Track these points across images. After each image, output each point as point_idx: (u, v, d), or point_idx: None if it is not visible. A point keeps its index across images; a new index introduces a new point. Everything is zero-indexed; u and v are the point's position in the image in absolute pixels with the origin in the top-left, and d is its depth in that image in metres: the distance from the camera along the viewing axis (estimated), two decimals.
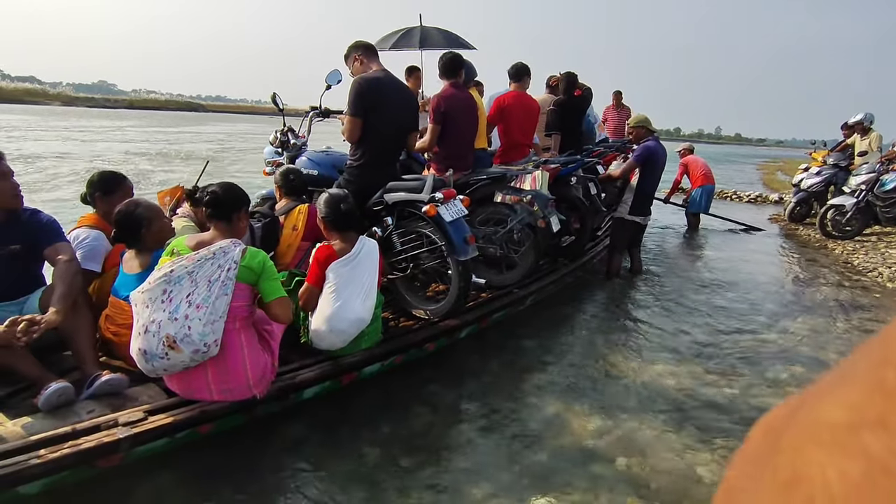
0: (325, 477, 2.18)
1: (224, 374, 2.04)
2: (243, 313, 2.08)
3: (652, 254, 6.21)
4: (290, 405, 2.43)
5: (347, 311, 2.48)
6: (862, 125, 8.02)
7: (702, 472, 2.28)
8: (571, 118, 5.22)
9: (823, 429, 0.21)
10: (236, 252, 2.01)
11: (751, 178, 17.41)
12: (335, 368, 2.49)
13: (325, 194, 2.69)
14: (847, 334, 3.93)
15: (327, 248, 2.54)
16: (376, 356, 2.67)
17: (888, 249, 6.50)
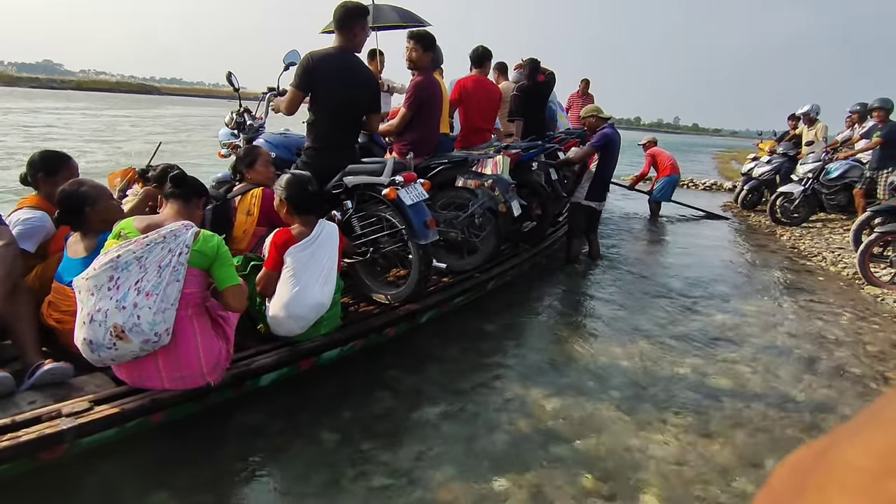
0: (284, 464, 2.16)
1: (176, 362, 1.98)
2: (196, 300, 2.02)
3: (612, 240, 6.34)
4: (246, 392, 2.39)
5: (306, 296, 2.45)
6: (809, 116, 8.34)
7: (655, 450, 2.36)
8: (534, 104, 5.26)
9: (849, 473, 0.20)
10: (188, 235, 1.94)
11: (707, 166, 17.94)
12: (293, 354, 2.46)
13: (289, 175, 2.63)
14: (793, 315, 4.11)
15: (285, 231, 2.49)
16: (336, 341, 2.65)
17: (832, 235, 6.83)
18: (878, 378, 3.08)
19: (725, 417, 2.63)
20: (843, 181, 7.18)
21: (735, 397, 2.82)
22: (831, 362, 3.27)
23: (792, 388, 2.94)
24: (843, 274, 5.27)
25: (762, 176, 8.38)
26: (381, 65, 5.21)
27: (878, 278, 4.76)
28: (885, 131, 6.68)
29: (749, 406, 2.73)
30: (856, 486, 0.20)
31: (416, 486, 2.06)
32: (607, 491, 2.09)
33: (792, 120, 9.06)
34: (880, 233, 4.73)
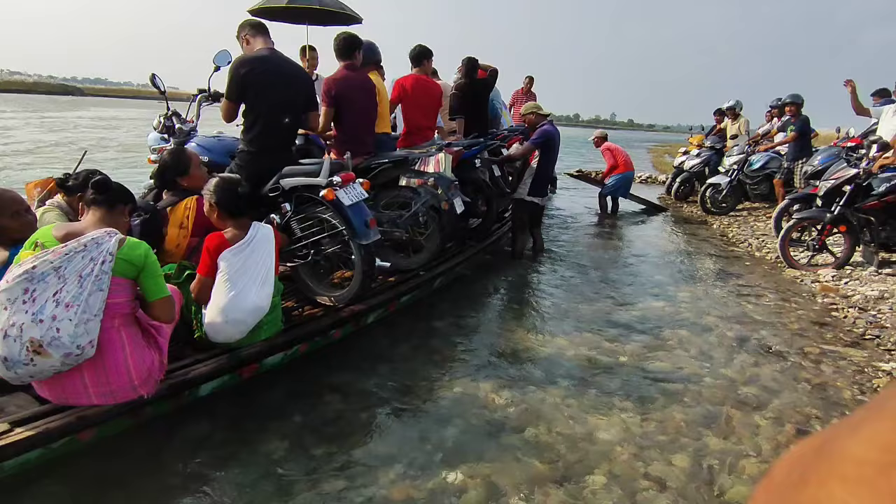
0: (232, 474, 2.08)
1: (103, 377, 1.87)
2: (123, 310, 1.91)
3: (557, 234, 6.50)
4: (186, 404, 2.29)
5: (243, 300, 2.37)
6: (733, 111, 8.86)
7: (602, 434, 2.43)
8: (474, 102, 5.30)
9: (851, 466, 0.20)
10: (112, 243, 1.84)
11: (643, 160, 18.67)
12: (233, 361, 2.38)
13: (218, 178, 2.54)
14: (724, 299, 4.34)
15: (218, 235, 2.40)
16: (278, 346, 2.58)
17: (756, 223, 7.27)
18: (799, 353, 3.30)
19: (664, 397, 2.74)
20: (764, 172, 7.65)
21: (672, 378, 2.95)
22: (758, 341, 3.47)
23: (724, 367, 3.11)
24: (767, 258, 5.62)
25: (692, 168, 8.82)
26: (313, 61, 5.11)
27: (797, 261, 5.10)
28: (798, 125, 7.19)
29: (686, 386, 2.86)
30: (857, 478, 0.20)
31: (370, 488, 2.04)
32: (559, 475, 2.14)
33: (717, 115, 9.59)
34: (797, 219, 5.07)
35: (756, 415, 2.60)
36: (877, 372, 3.02)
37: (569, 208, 8.21)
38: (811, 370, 3.07)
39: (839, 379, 2.97)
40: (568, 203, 8.47)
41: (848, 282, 4.56)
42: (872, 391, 2.82)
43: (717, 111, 9.64)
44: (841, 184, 4.75)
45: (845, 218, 4.72)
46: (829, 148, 6.65)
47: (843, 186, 4.73)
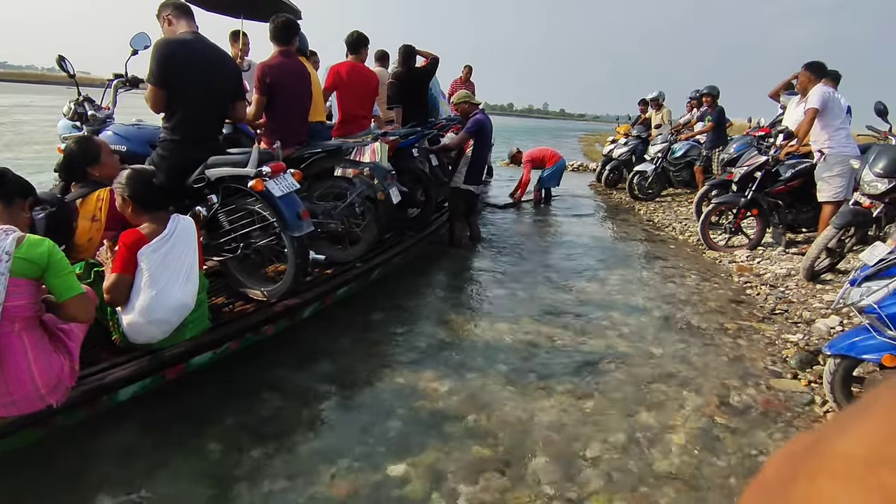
0: (164, 482, 1.97)
1: (3, 386, 1.70)
2: (25, 312, 1.74)
3: (493, 223, 6.58)
4: (103, 410, 2.13)
5: (167, 297, 2.23)
6: (657, 101, 9.27)
7: (541, 416, 2.49)
8: (412, 91, 5.24)
9: (840, 462, 0.20)
10: (8, 241, 1.66)
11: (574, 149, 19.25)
12: (155, 363, 2.23)
13: (130, 170, 2.36)
14: (651, 281, 4.56)
15: (134, 231, 2.23)
16: (206, 345, 2.45)
17: (679, 208, 7.67)
18: (719, 329, 3.52)
19: (599, 378, 2.84)
20: (685, 159, 8.07)
21: (606, 358, 3.06)
22: (682, 319, 3.67)
23: (652, 345, 3.26)
24: (690, 241, 5.95)
25: (620, 157, 9.17)
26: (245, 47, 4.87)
27: (716, 243, 5.43)
28: (715, 116, 7.63)
29: (618, 365, 2.98)
30: (846, 474, 0.20)
31: (312, 485, 1.99)
32: (501, 460, 2.17)
33: (642, 105, 10.01)
34: (715, 204, 5.39)
35: (683, 389, 2.75)
36: (786, 343, 3.27)
37: (505, 196, 8.33)
38: (730, 345, 3.28)
39: (754, 351, 3.19)
40: (504, 191, 8.58)
41: (760, 261, 4.90)
42: (782, 361, 3.06)
43: (641, 101, 10.06)
44: (753, 170, 5.08)
45: (757, 202, 5.06)
46: (742, 137, 7.09)
47: (754, 173, 5.06)
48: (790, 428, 2.41)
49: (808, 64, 4.84)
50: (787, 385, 2.79)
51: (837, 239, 4.05)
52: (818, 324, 3.43)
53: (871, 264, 2.24)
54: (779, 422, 2.47)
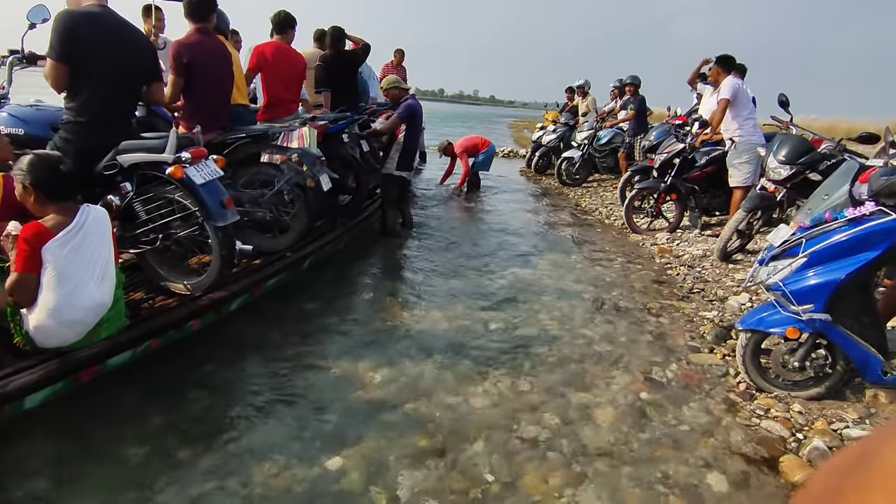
0: (81, 494, 1.82)
1: None
2: None
3: (425, 209, 6.56)
4: (5, 419, 1.94)
5: (81, 296, 2.05)
6: (583, 89, 9.57)
7: (478, 401, 2.52)
8: (341, 74, 5.09)
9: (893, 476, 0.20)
10: None
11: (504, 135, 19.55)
12: (66, 366, 2.06)
13: (32, 156, 2.13)
14: (580, 265, 4.72)
15: (35, 225, 2.02)
16: (123, 344, 2.28)
17: (605, 193, 7.99)
18: (643, 309, 3.71)
19: (532, 360, 2.92)
20: (610, 146, 8.40)
21: (539, 342, 3.15)
22: (609, 301, 3.84)
23: (582, 327, 3.39)
24: (615, 225, 6.22)
25: (549, 143, 9.41)
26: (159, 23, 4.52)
27: (639, 226, 5.71)
28: (636, 104, 7.99)
29: (551, 348, 3.08)
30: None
31: (246, 486, 1.91)
32: (439, 446, 2.18)
33: (569, 93, 10.29)
34: (638, 189, 5.66)
35: (611, 368, 2.88)
36: (703, 320, 3.50)
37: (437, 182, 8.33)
38: (653, 323, 3.47)
39: (675, 329, 3.39)
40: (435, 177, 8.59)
41: (679, 243, 5.20)
42: (700, 337, 3.27)
43: (568, 89, 10.35)
44: (671, 157, 5.36)
45: (676, 187, 5.35)
46: (662, 125, 7.47)
47: (673, 159, 5.34)
48: (708, 399, 2.59)
49: (719, 58, 5.15)
50: (704, 359, 2.99)
51: (747, 222, 4.36)
52: (731, 301, 3.70)
53: (777, 245, 2.43)
54: (698, 393, 2.64)
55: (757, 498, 1.96)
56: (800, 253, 2.31)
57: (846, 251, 2.20)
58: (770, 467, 2.11)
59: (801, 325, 2.34)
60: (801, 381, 2.50)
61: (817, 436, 2.19)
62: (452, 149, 7.92)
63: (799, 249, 2.32)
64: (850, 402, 2.44)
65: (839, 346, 2.33)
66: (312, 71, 4.95)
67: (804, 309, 2.28)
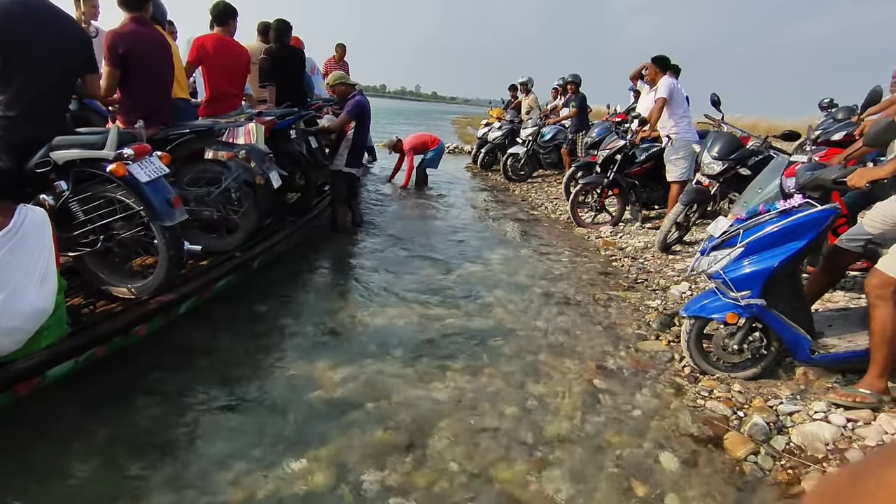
0: None
1: None
2: None
3: (375, 206, 6.52)
4: None
5: (20, 302, 1.92)
6: (526, 86, 9.76)
7: (439, 395, 2.54)
8: (287, 69, 4.95)
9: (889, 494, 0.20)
10: None
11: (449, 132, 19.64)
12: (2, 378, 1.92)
13: None
14: (530, 259, 4.83)
15: None
16: (65, 353, 2.14)
17: (550, 188, 8.20)
18: (592, 300, 3.85)
19: (490, 354, 2.97)
20: (553, 143, 8.63)
21: (495, 335, 3.21)
22: (559, 293, 3.96)
23: (535, 319, 3.48)
24: (561, 219, 6.40)
25: (494, 140, 9.55)
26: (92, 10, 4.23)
27: (584, 220, 5.90)
28: (578, 102, 8.24)
29: (506, 340, 3.14)
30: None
31: (205, 495, 1.85)
32: (403, 442, 2.19)
33: (512, 90, 10.47)
34: (582, 184, 5.84)
35: (565, 358, 2.97)
36: (648, 309, 3.67)
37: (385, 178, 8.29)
38: (602, 314, 3.61)
39: (622, 318, 3.55)
40: (384, 173, 8.54)
41: (622, 236, 5.43)
42: (646, 325, 3.43)
43: (511, 86, 10.53)
44: (613, 153, 5.57)
45: (617, 182, 5.57)
46: (602, 122, 7.75)
47: (614, 156, 5.56)
48: (657, 384, 2.73)
49: (655, 58, 5.39)
50: (651, 346, 3.14)
51: (684, 214, 4.61)
52: (672, 290, 3.90)
53: (717, 236, 2.59)
54: (647, 379, 2.78)
55: (705, 474, 2.09)
56: (737, 243, 2.47)
57: (778, 241, 2.37)
58: (715, 445, 2.25)
59: (739, 310, 2.51)
60: (740, 363, 2.68)
61: (756, 413, 2.36)
62: (401, 146, 7.91)
63: (737, 240, 2.48)
64: (783, 380, 2.64)
65: (773, 328, 2.51)
66: (257, 65, 4.80)
67: (742, 295, 2.45)
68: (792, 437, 2.22)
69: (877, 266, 2.26)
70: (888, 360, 2.23)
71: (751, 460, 2.13)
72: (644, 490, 1.98)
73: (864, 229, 2.51)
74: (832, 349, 2.46)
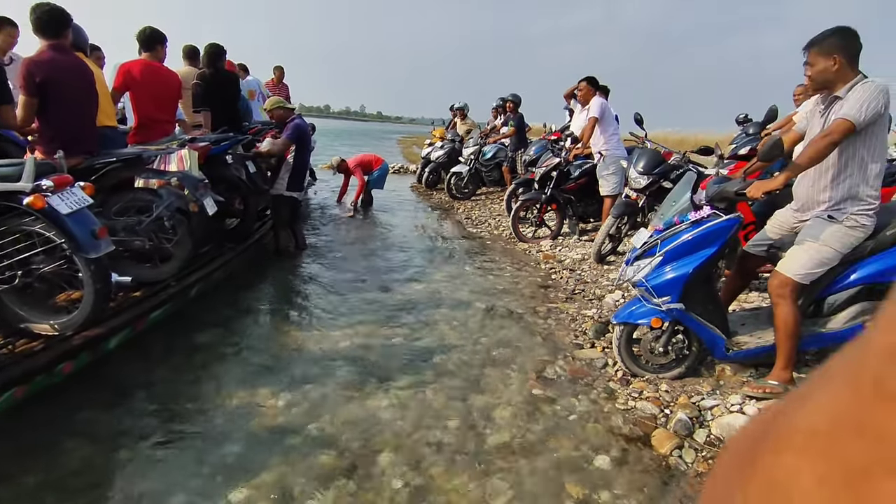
0: None
1: None
2: None
3: (317, 229, 6.48)
4: None
5: None
6: (462, 111, 10.06)
7: (383, 414, 2.56)
8: (222, 93, 4.90)
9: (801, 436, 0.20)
10: None
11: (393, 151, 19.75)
12: None
13: None
14: (473, 275, 4.93)
15: None
16: None
17: (493, 205, 8.39)
18: (532, 312, 3.97)
19: (434, 369, 3.02)
20: (495, 161, 8.86)
21: (439, 351, 3.26)
22: (502, 307, 4.06)
23: (478, 334, 3.56)
24: (503, 235, 6.56)
25: (438, 159, 9.71)
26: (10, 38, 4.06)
27: (525, 235, 6.08)
28: (516, 121, 8.52)
29: (450, 356, 3.20)
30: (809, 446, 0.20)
31: None
32: (347, 464, 2.19)
33: (453, 111, 10.71)
34: (522, 200, 6.03)
35: (506, 369, 3.06)
36: (585, 318, 3.83)
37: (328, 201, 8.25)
38: (541, 325, 3.73)
39: (561, 328, 3.68)
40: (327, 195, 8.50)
41: (561, 249, 5.63)
42: (583, 334, 3.57)
43: (452, 107, 10.77)
44: (549, 170, 5.79)
45: (555, 198, 5.79)
46: (539, 140, 8.04)
47: (550, 172, 5.78)
48: (592, 389, 2.85)
49: (586, 78, 5.68)
50: (587, 354, 3.28)
51: (616, 226, 4.84)
52: (607, 298, 4.08)
53: (638, 247, 2.76)
54: (583, 385, 2.90)
55: (635, 471, 2.20)
56: (656, 252, 2.64)
57: (692, 249, 2.56)
58: (644, 443, 2.38)
59: (662, 314, 2.68)
60: (666, 364, 2.84)
61: (680, 409, 2.51)
62: (346, 165, 7.90)
63: (656, 249, 2.66)
64: (704, 378, 2.82)
65: (692, 330, 2.69)
66: (189, 90, 4.73)
67: (663, 301, 2.61)
68: (712, 429, 2.38)
69: (776, 268, 2.47)
70: (791, 352, 2.44)
71: (675, 454, 2.27)
72: (578, 491, 2.07)
73: (767, 235, 2.75)
74: (744, 346, 2.66)
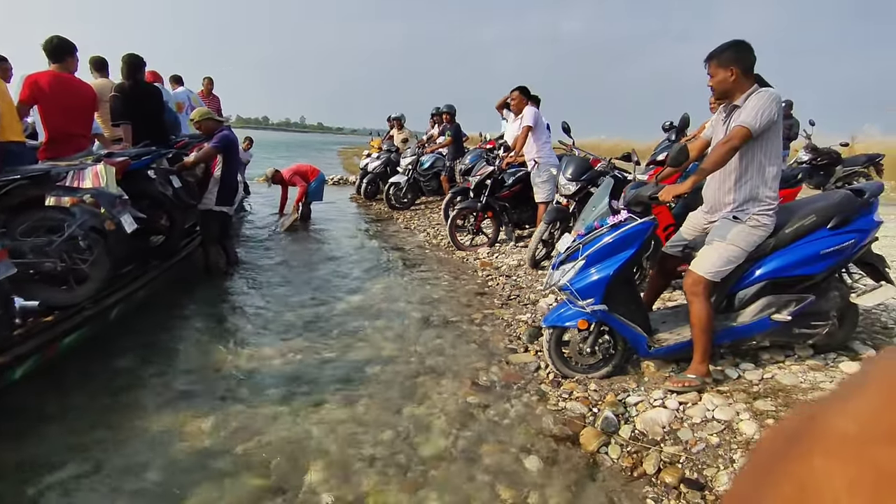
0: None
1: None
2: None
3: (250, 243, 6.31)
4: None
5: None
6: (399, 122, 10.11)
7: (314, 430, 2.52)
8: (142, 105, 4.70)
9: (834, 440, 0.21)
10: None
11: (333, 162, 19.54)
12: None
13: None
14: (410, 285, 4.94)
15: None
16: None
17: (432, 214, 8.45)
18: (468, 320, 4.02)
19: (368, 382, 3.01)
20: (433, 170, 8.93)
21: (373, 363, 3.24)
22: (438, 316, 4.10)
23: (413, 344, 3.57)
24: (442, 244, 6.61)
25: (376, 170, 9.69)
26: None
27: (462, 244, 6.16)
28: (452, 131, 8.65)
29: (384, 367, 3.19)
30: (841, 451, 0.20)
31: None
32: (275, 484, 2.15)
33: (390, 121, 10.73)
34: (459, 209, 6.12)
35: (441, 378, 3.08)
36: (519, 323, 3.91)
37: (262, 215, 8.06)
38: (477, 332, 3.79)
39: (496, 334, 3.75)
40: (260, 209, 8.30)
41: (498, 256, 5.73)
42: (517, 339, 3.65)
43: (389, 118, 10.80)
44: (484, 179, 5.91)
45: (491, 205, 5.91)
46: (475, 149, 8.17)
47: (485, 181, 5.90)
48: (525, 393, 2.92)
49: (519, 88, 5.83)
50: (521, 358, 3.35)
51: (549, 232, 4.99)
52: (541, 303, 4.20)
53: (563, 251, 2.87)
54: (517, 389, 2.96)
55: (564, 470, 2.27)
56: (579, 256, 2.75)
57: (611, 251, 2.68)
58: (573, 442, 2.46)
59: (587, 316, 2.79)
60: (594, 364, 2.96)
61: (607, 407, 2.62)
62: (281, 176, 7.74)
63: (579, 253, 2.77)
64: (630, 375, 2.95)
65: (617, 330, 2.82)
66: (107, 103, 4.52)
67: (587, 303, 2.72)
68: (637, 424, 2.49)
69: (690, 267, 2.63)
70: (707, 346, 2.60)
71: (602, 451, 2.36)
72: (509, 493, 2.11)
73: (682, 236, 2.92)
74: (665, 343, 2.81)
